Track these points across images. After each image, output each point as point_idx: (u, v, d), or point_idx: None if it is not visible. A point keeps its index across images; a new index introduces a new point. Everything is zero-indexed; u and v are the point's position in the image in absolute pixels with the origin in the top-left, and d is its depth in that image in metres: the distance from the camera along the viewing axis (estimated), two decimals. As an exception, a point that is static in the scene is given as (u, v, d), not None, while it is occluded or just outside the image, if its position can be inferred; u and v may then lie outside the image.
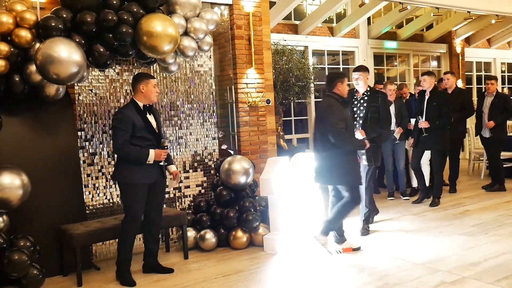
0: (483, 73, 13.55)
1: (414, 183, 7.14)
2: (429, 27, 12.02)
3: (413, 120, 6.63)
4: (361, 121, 5.06)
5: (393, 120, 6.58)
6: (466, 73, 12.73)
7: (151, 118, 4.15)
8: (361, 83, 5.15)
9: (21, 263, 3.44)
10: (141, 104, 4.11)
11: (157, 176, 4.15)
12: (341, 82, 4.53)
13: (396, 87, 7.38)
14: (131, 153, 3.95)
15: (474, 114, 7.56)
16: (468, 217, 5.76)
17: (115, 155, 4.50)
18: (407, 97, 7.61)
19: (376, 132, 5.03)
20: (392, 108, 6.58)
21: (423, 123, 6.20)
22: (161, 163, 4.15)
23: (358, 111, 5.14)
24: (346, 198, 4.51)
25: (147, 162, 3.99)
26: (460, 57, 12.28)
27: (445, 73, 7.65)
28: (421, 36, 12.03)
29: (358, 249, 4.67)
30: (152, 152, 4.01)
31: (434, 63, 12.63)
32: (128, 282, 4.05)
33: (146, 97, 4.12)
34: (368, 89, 5.17)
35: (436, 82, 6.80)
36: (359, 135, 4.86)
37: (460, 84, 11.79)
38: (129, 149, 3.95)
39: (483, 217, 5.69)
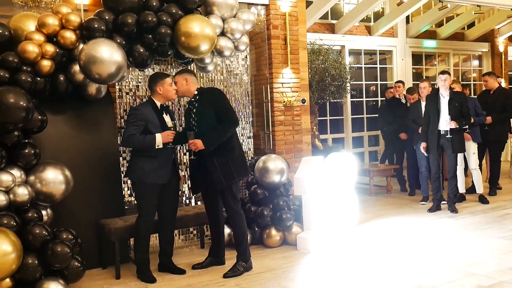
0: (527, 72, 13.10)
1: (461, 189, 6.71)
2: (470, 25, 11.73)
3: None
4: (191, 132, 4.11)
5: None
6: (509, 73, 12.35)
7: (167, 118, 4.21)
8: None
9: (63, 254, 3.56)
10: (158, 104, 4.18)
11: (171, 176, 4.19)
12: None
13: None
14: (138, 141, 3.98)
15: None
16: (509, 220, 5.61)
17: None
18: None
19: (217, 139, 4.05)
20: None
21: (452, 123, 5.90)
22: (170, 145, 4.13)
23: (195, 116, 4.21)
24: None
25: (157, 147, 4.01)
26: (503, 56, 11.92)
27: (483, 75, 7.48)
28: (462, 35, 11.75)
29: None
30: (158, 135, 4.02)
31: (475, 62, 12.31)
32: (148, 280, 4.11)
33: (165, 97, 4.18)
34: (196, 92, 4.21)
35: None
36: (197, 144, 4.01)
37: (503, 84, 11.45)
38: (135, 139, 3.97)
39: (524, 221, 5.53)
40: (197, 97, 4.22)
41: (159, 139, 4.03)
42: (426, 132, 6.20)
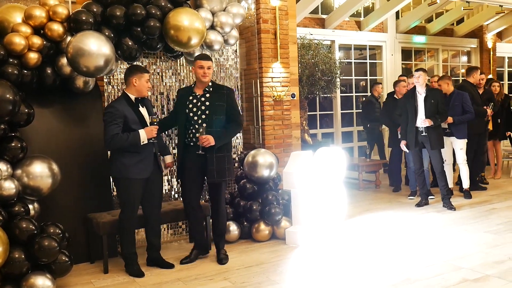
0: (515, 68, 13.24)
1: (449, 183, 6.61)
2: (460, 21, 11.80)
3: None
4: (204, 125, 4.08)
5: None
6: (497, 69, 12.45)
7: (143, 110, 4.12)
8: (210, 74, 4.20)
9: (51, 249, 3.53)
10: (132, 97, 4.07)
11: (153, 170, 4.14)
12: None
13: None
14: (122, 141, 3.90)
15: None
16: (495, 215, 5.67)
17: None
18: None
19: (227, 138, 4.22)
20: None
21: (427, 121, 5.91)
22: (153, 140, 4.05)
23: (200, 112, 4.17)
24: None
25: (142, 143, 3.95)
26: (492, 52, 12.01)
27: (480, 73, 7.38)
28: (451, 31, 11.81)
29: None
30: (142, 131, 3.95)
31: (464, 58, 12.39)
32: (136, 274, 4.10)
33: (138, 91, 4.06)
34: (210, 84, 4.26)
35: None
36: (210, 140, 4.04)
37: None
38: (118, 138, 3.89)
39: (510, 215, 5.58)
40: (211, 89, 4.22)
41: (143, 135, 3.97)
42: (405, 130, 6.21)
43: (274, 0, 5.96)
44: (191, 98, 4.22)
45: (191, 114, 4.18)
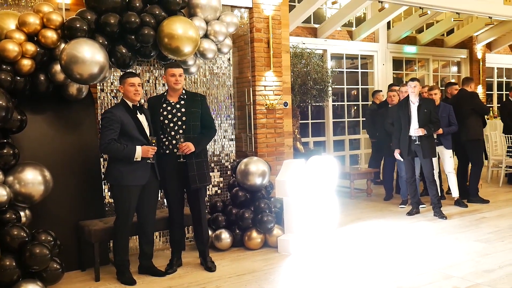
0: (504, 79, 13.40)
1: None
2: (450, 32, 11.95)
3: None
4: (181, 131, 4.16)
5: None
6: (487, 79, 12.61)
7: (142, 118, 4.11)
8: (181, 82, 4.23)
9: (42, 256, 3.51)
10: (130, 104, 4.09)
11: (150, 177, 4.12)
12: None
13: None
14: (117, 151, 3.91)
15: None
16: (485, 223, 5.73)
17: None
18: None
19: (205, 143, 4.34)
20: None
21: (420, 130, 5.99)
22: (150, 161, 4.06)
23: (176, 119, 4.19)
24: None
25: (135, 159, 3.95)
26: (481, 63, 12.17)
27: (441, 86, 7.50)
28: (441, 41, 11.96)
29: None
30: (139, 148, 3.95)
31: (454, 69, 12.53)
32: (128, 282, 4.07)
33: (126, 97, 4.08)
34: (184, 91, 4.31)
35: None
36: (190, 147, 4.10)
37: (480, 90, 11.74)
38: (114, 147, 3.91)
39: (500, 225, 5.64)
40: (185, 96, 4.25)
41: (139, 152, 3.96)
42: (397, 139, 6.27)
43: (268, 9, 6.01)
44: (165, 105, 4.22)
45: (166, 121, 4.19)
